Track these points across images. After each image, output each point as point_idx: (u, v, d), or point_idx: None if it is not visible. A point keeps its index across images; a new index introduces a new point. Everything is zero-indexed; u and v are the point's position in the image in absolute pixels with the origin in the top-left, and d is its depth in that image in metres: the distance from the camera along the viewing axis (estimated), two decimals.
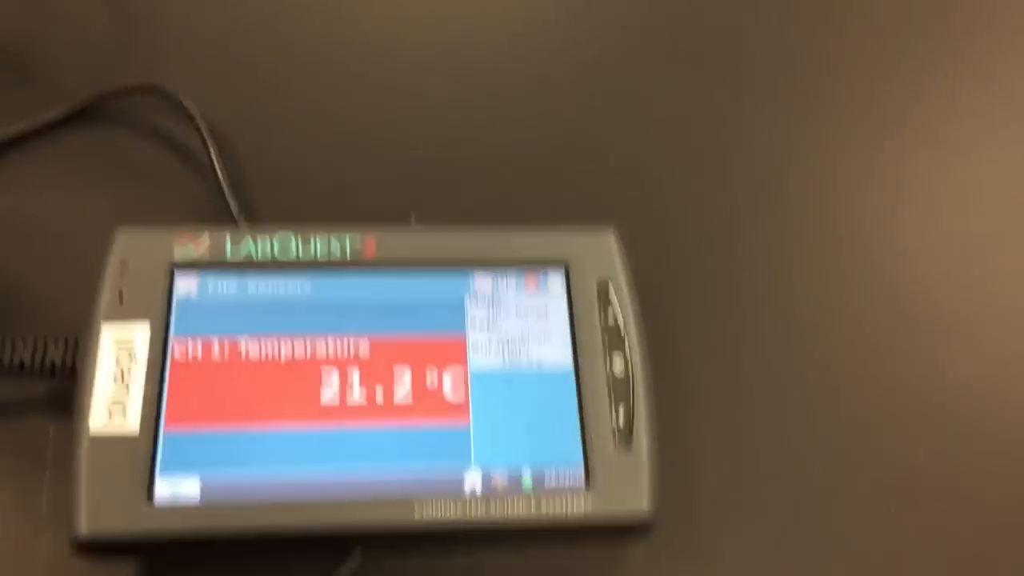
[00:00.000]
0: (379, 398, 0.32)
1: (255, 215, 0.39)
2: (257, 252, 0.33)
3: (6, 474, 0.33)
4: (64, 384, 0.32)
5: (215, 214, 0.38)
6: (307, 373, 0.32)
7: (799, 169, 0.43)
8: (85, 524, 0.29)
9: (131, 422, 0.30)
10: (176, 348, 0.31)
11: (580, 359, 0.33)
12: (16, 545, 0.32)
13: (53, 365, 0.32)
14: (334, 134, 0.42)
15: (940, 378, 0.38)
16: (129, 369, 0.31)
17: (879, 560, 0.34)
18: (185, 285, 0.33)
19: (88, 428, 0.30)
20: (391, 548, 0.33)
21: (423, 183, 0.41)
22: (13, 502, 0.33)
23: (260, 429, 0.31)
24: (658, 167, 0.42)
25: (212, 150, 0.39)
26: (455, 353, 0.33)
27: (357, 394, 0.32)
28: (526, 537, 0.33)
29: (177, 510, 0.29)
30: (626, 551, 0.34)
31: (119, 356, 0.31)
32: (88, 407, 0.30)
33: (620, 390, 0.33)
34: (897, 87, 0.46)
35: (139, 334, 0.31)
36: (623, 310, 0.34)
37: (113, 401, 0.30)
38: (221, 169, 0.38)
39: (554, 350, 0.33)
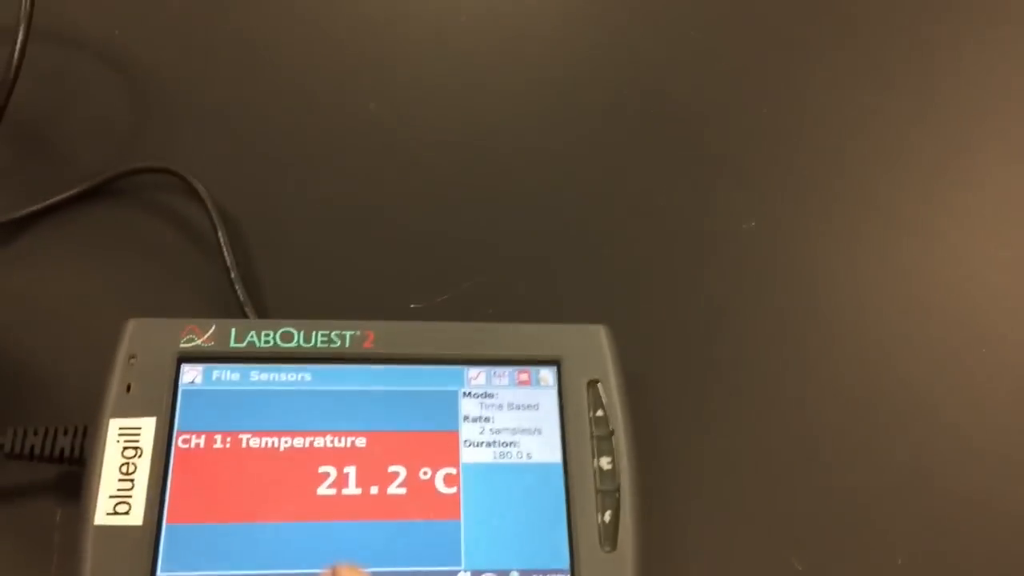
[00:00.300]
0: (374, 492, 0.33)
1: (261, 296, 0.40)
2: (260, 343, 0.35)
3: (14, 558, 0.34)
4: (73, 469, 0.34)
5: (222, 295, 0.39)
6: (305, 467, 0.33)
7: (790, 260, 0.44)
8: None
9: (135, 514, 0.31)
10: (180, 440, 0.33)
11: (569, 455, 0.34)
12: None
13: (62, 452, 0.33)
14: (340, 219, 0.43)
15: (925, 470, 0.39)
16: (135, 461, 0.32)
17: None
18: (191, 375, 0.34)
19: (93, 519, 0.31)
20: None
21: (424, 268, 0.42)
22: None
23: (258, 522, 0.32)
24: (650, 261, 0.43)
25: (220, 233, 0.40)
26: (448, 447, 0.34)
27: (352, 488, 0.33)
28: None
29: None
30: None
31: (125, 449, 0.32)
32: (94, 499, 0.31)
33: (608, 490, 0.33)
34: (884, 177, 0.47)
35: (145, 425, 0.32)
36: (612, 409, 0.35)
37: (119, 493, 0.31)
38: (229, 253, 0.39)
39: (544, 446, 0.34)
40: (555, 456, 0.34)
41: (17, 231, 0.41)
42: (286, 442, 0.33)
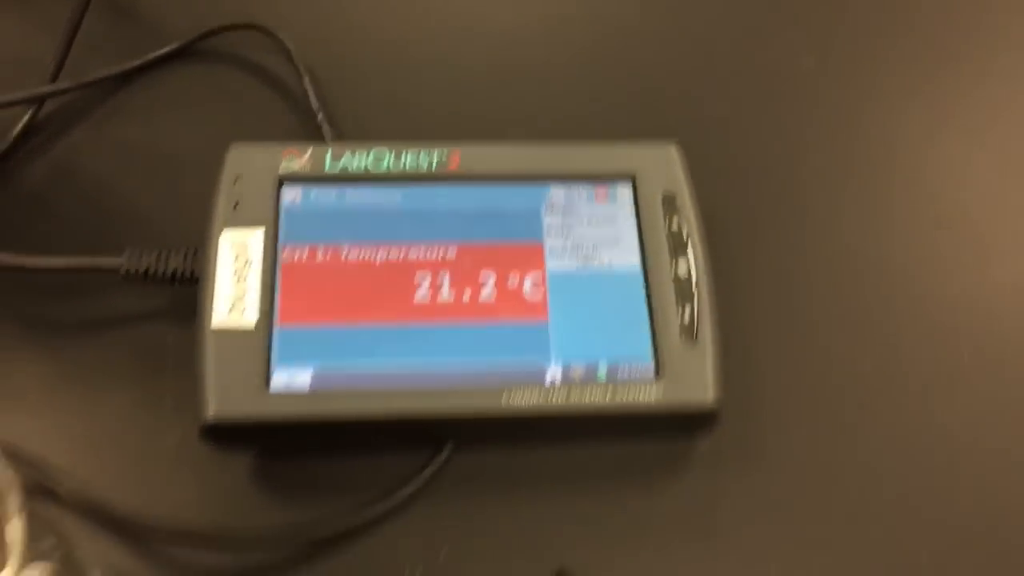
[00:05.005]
0: (466, 298, 0.35)
1: (346, 140, 0.42)
2: (353, 165, 0.37)
3: (131, 377, 0.37)
4: (183, 292, 0.36)
5: (310, 141, 0.41)
6: (401, 275, 0.35)
7: (851, 87, 0.45)
8: (212, 408, 0.32)
9: (248, 317, 0.34)
10: (285, 252, 0.35)
11: (647, 262, 0.36)
12: (144, 438, 0.35)
13: (175, 272, 0.36)
14: (417, 65, 0.45)
15: (986, 287, 0.40)
16: (245, 270, 0.34)
17: (938, 449, 0.37)
18: (291, 195, 0.36)
19: (211, 322, 0.33)
20: (479, 438, 0.36)
21: (502, 108, 0.44)
22: (139, 401, 0.36)
23: (362, 325, 0.34)
24: (718, 86, 0.45)
25: (307, 82, 0.42)
26: (534, 257, 0.36)
27: (446, 294, 0.35)
28: (601, 426, 0.36)
29: (291, 396, 0.33)
30: (693, 444, 0.37)
31: (236, 258, 0.34)
32: (211, 304, 0.34)
33: (685, 290, 0.35)
34: (944, 18, 0.48)
35: (253, 238, 0.35)
36: (687, 218, 0.37)
37: (233, 298, 0.34)
38: (316, 100, 0.41)
39: (623, 254, 0.36)
40: (635, 264, 0.36)
41: (115, 88, 0.43)
42: (383, 252, 0.35)
